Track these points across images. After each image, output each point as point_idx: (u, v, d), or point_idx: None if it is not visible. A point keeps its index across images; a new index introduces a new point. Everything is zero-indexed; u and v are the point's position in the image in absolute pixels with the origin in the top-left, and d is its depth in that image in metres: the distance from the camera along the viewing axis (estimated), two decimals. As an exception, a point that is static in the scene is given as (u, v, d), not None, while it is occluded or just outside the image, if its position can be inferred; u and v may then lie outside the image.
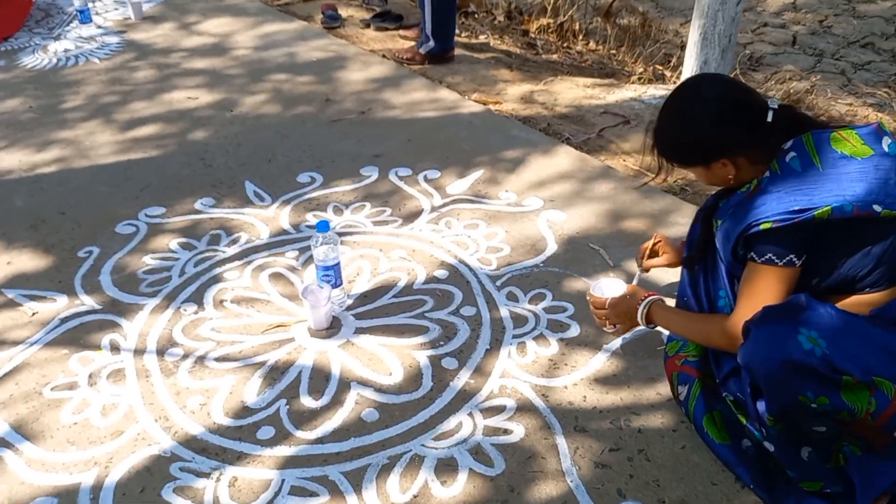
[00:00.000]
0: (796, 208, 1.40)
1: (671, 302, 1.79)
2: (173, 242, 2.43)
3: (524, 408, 1.79)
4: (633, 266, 2.23)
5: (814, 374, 1.32)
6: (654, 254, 1.93)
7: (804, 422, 1.41)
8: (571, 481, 1.60)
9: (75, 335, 2.06)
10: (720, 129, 1.50)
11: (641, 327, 1.78)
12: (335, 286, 2.08)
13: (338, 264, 2.07)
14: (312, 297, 2.02)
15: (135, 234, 2.48)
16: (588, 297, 1.87)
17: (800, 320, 1.34)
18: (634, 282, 1.88)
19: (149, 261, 2.35)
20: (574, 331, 2.02)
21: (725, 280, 1.61)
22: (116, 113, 3.35)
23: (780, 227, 1.41)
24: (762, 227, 1.42)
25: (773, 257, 1.45)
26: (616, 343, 1.97)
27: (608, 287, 1.85)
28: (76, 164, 2.92)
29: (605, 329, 1.87)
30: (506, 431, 1.73)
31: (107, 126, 3.23)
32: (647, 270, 1.97)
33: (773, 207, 1.42)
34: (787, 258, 1.44)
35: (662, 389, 1.82)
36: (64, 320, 2.11)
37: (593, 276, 2.21)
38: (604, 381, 1.86)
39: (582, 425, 1.74)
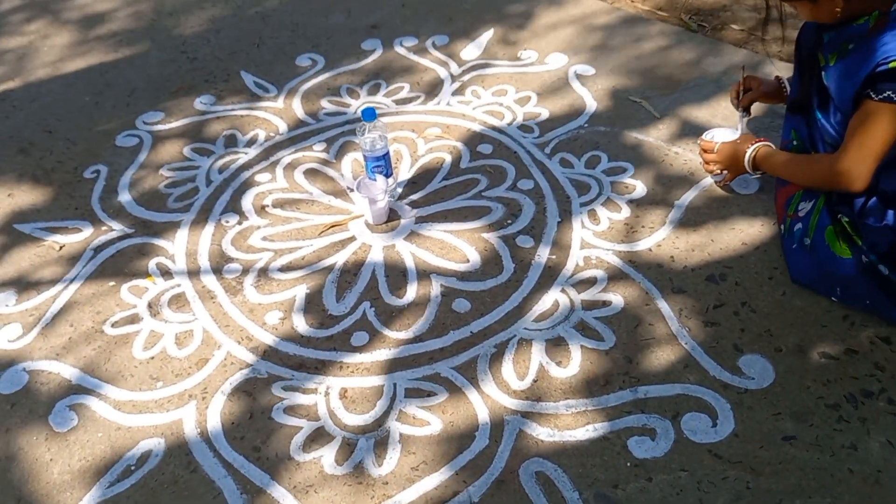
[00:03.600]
0: None
1: None
2: (186, 149, 2.24)
3: (615, 277, 1.75)
4: (682, 114, 2.17)
5: None
6: (746, 91, 1.86)
7: None
8: (686, 343, 1.60)
9: (116, 264, 1.91)
10: None
11: (747, 175, 1.78)
12: (387, 176, 1.96)
13: (388, 153, 1.94)
14: (367, 191, 1.90)
15: (140, 146, 2.27)
16: (698, 142, 1.86)
17: None
18: (740, 128, 1.84)
19: (167, 173, 2.16)
20: (640, 190, 1.96)
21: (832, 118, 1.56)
22: (65, 11, 2.99)
23: None
24: (890, 65, 1.35)
25: (892, 94, 1.38)
26: (687, 197, 1.92)
27: (720, 134, 1.84)
28: (42, 75, 2.62)
29: (712, 176, 1.87)
30: (605, 303, 1.70)
31: (60, 27, 2.89)
32: (747, 109, 1.86)
33: None
34: None
35: (747, 238, 1.80)
36: (97, 250, 1.95)
37: (642, 131, 2.13)
38: (686, 237, 1.83)
39: (679, 286, 1.72)
